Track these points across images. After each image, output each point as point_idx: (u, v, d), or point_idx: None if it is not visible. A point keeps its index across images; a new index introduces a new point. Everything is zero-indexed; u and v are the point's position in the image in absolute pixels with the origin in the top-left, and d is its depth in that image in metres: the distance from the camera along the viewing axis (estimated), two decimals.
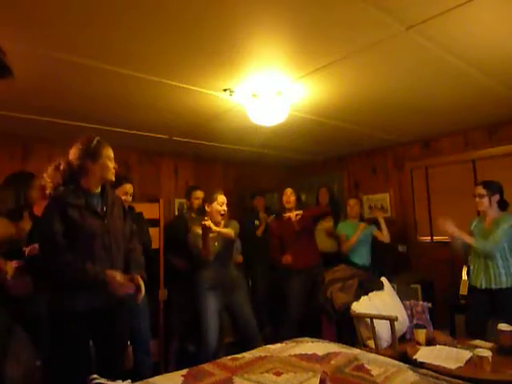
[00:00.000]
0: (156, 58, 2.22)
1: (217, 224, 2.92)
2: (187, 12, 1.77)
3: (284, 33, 1.99)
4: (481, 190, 2.97)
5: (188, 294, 3.34)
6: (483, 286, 2.92)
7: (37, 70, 2.29)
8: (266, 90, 2.68)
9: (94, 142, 2.00)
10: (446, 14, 1.82)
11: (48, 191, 1.99)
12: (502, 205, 2.98)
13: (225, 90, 2.70)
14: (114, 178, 2.07)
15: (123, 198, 2.78)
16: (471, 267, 3.09)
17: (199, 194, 3.74)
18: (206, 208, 3.02)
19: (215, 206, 2.97)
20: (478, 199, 2.99)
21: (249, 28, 1.93)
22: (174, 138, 3.95)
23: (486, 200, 2.95)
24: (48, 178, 1.99)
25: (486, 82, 2.71)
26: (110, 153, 2.05)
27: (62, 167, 1.96)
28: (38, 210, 2.32)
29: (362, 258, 3.94)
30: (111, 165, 2.04)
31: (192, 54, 2.17)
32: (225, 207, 3.00)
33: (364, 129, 3.83)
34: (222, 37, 2.00)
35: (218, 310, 2.94)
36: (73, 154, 1.98)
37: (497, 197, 2.96)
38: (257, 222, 4.43)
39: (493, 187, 2.97)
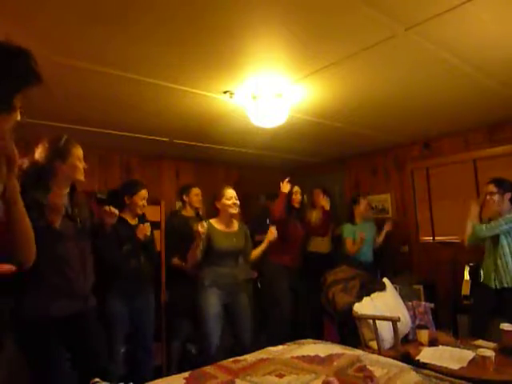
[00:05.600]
0: (156, 61, 2.23)
1: (232, 218, 2.96)
2: (187, 15, 1.77)
3: (284, 35, 1.99)
4: (492, 188, 2.90)
5: (191, 294, 3.34)
6: (498, 286, 2.87)
7: None
8: (267, 92, 2.68)
9: (63, 140, 1.94)
10: (444, 15, 1.82)
11: None
12: None
13: (225, 93, 2.70)
14: (83, 178, 2.01)
15: (141, 203, 2.80)
16: (483, 266, 3.05)
17: (197, 190, 3.70)
18: (217, 205, 2.96)
19: (224, 201, 2.92)
20: (488, 197, 2.91)
21: (248, 30, 1.93)
22: (175, 141, 3.96)
23: (496, 198, 2.88)
24: None
25: (486, 83, 2.71)
26: (80, 152, 2.00)
27: (25, 166, 1.83)
28: None
29: (365, 254, 3.99)
30: (81, 165, 1.99)
31: (192, 56, 2.18)
32: (235, 200, 2.92)
33: (364, 130, 3.83)
34: (222, 39, 2.00)
35: (220, 309, 2.87)
36: (39, 153, 1.91)
37: (509, 195, 2.89)
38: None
39: (505, 185, 2.89)
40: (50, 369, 1.85)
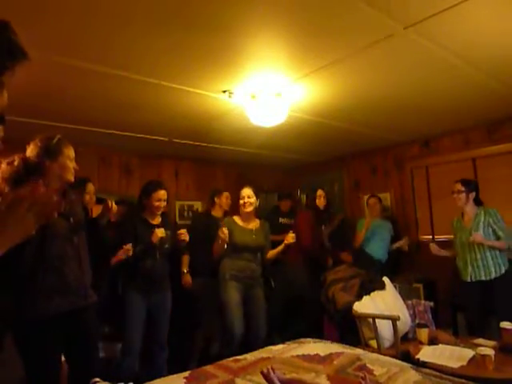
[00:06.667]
0: (155, 61, 2.23)
1: (248, 216, 3.17)
2: (186, 14, 1.77)
3: (283, 34, 1.99)
4: (459, 187, 3.16)
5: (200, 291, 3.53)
6: (473, 279, 3.03)
7: (35, 73, 2.28)
8: (266, 91, 2.68)
9: (55, 140, 1.92)
10: (443, 13, 1.82)
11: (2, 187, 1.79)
12: (478, 202, 3.16)
13: (224, 92, 2.70)
14: (73, 179, 1.99)
15: (156, 204, 2.83)
16: (458, 262, 3.19)
17: (228, 194, 3.99)
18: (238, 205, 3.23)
19: (239, 201, 3.19)
20: (455, 195, 3.17)
21: (248, 30, 1.93)
22: (174, 140, 3.96)
23: (463, 196, 3.13)
24: (1, 175, 1.78)
25: (485, 81, 2.71)
26: (71, 152, 1.97)
27: (16, 163, 1.78)
28: None
29: (377, 251, 4.01)
30: (71, 165, 1.96)
31: (191, 55, 2.18)
32: (247, 199, 3.13)
33: (364, 129, 3.83)
34: (222, 39, 2.00)
35: (240, 301, 3.04)
36: (30, 150, 1.88)
37: (473, 194, 3.14)
38: (282, 220, 4.45)
39: (470, 185, 3.17)
40: (46, 369, 1.84)
